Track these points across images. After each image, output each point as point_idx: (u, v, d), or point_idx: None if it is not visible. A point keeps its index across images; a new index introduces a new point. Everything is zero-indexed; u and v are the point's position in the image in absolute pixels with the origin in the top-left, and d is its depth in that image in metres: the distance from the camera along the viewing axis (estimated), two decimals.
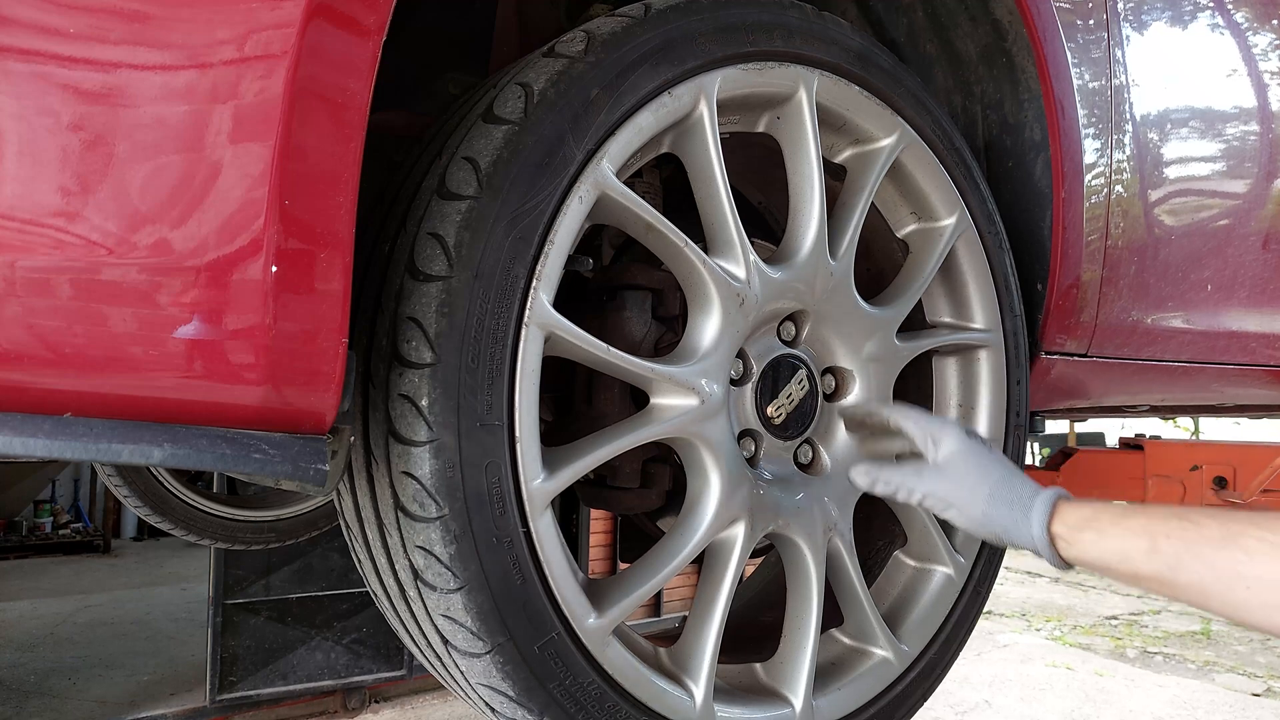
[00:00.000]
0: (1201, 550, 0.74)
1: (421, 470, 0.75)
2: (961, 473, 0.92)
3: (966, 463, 0.92)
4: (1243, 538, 0.72)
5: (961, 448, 0.93)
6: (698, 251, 0.91)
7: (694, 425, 0.92)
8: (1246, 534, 0.72)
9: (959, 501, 0.91)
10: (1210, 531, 0.74)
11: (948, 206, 1.16)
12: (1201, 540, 0.74)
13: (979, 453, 0.93)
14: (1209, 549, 0.73)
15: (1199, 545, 0.74)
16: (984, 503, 0.89)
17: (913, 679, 1.13)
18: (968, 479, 0.91)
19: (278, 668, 3.56)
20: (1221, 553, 0.72)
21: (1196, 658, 4.75)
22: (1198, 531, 0.75)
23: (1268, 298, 1.62)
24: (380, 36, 0.65)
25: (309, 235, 0.61)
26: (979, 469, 0.91)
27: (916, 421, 0.98)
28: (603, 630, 0.85)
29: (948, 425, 0.96)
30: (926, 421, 0.97)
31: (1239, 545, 0.72)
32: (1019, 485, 0.89)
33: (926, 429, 0.96)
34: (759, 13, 0.96)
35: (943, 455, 0.93)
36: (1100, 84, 1.30)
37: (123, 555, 7.29)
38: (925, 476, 0.94)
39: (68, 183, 0.55)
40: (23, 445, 0.55)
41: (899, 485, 0.95)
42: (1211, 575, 0.73)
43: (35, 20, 0.54)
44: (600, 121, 0.83)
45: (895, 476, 0.96)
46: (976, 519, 0.90)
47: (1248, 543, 0.71)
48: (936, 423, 0.96)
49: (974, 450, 0.93)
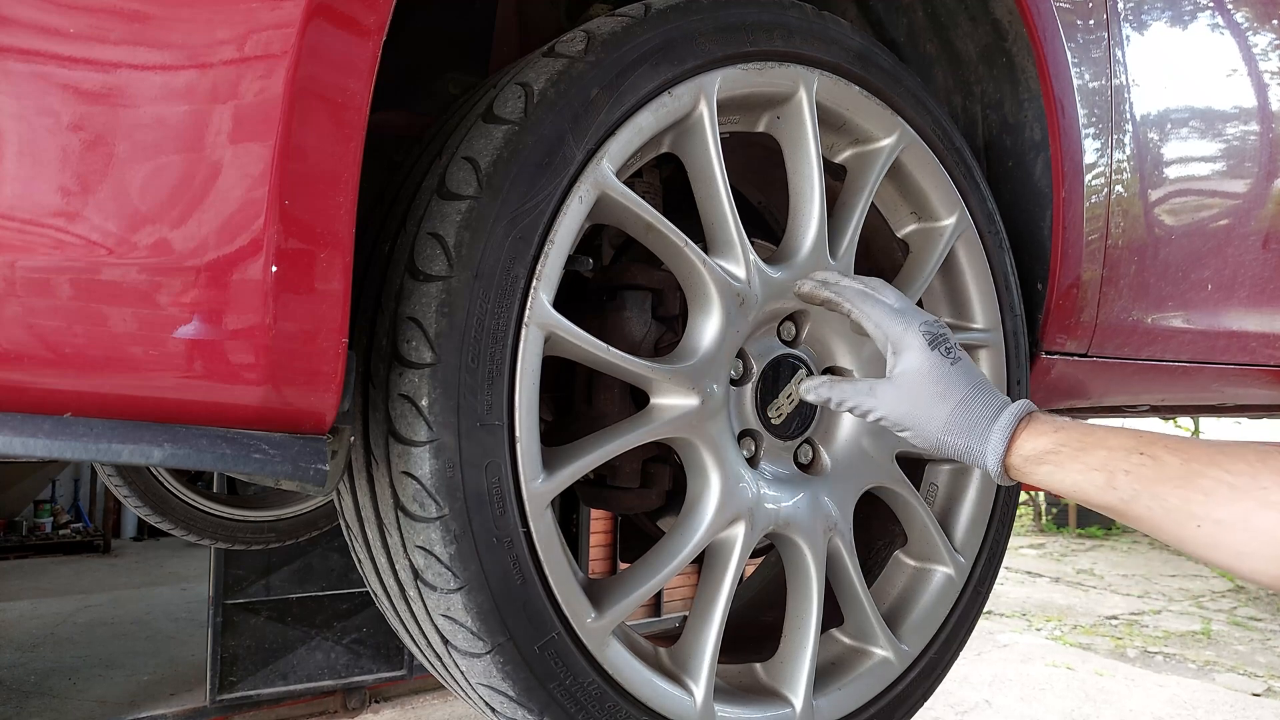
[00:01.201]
0: (1159, 488, 0.73)
1: (421, 470, 0.75)
2: (919, 391, 0.85)
3: (926, 379, 0.86)
4: (1201, 478, 0.71)
5: (922, 362, 0.86)
6: (698, 251, 0.91)
7: (694, 425, 0.92)
8: (1205, 473, 0.71)
9: (914, 424, 0.86)
10: (1170, 470, 0.73)
11: (948, 206, 1.16)
12: (1160, 478, 0.73)
13: (941, 368, 0.86)
14: (1167, 487, 0.73)
15: (1157, 484, 0.73)
16: (940, 428, 0.85)
17: (913, 679, 1.13)
18: (925, 399, 0.85)
19: (278, 668, 3.57)
20: (1178, 491, 0.72)
21: (1197, 658, 4.75)
22: (1157, 469, 0.74)
23: (1268, 298, 1.62)
24: (380, 36, 0.65)
25: (309, 235, 0.61)
26: (939, 387, 0.85)
27: (878, 322, 0.89)
28: (603, 630, 0.85)
29: (910, 331, 0.88)
30: (889, 322, 0.89)
31: (1197, 485, 0.71)
32: (980, 406, 0.84)
33: (887, 332, 0.88)
34: (759, 13, 0.96)
35: (900, 368, 0.87)
36: (1100, 84, 1.30)
37: (123, 555, 7.29)
38: (880, 393, 0.87)
39: (68, 183, 0.55)
40: (23, 445, 0.55)
41: (855, 403, 0.89)
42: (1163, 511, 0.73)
43: (35, 20, 0.54)
44: (600, 121, 0.83)
45: (849, 393, 0.90)
46: (932, 442, 0.86)
47: (1205, 483, 0.71)
48: (899, 325, 0.88)
49: (935, 365, 0.86)
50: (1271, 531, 0.68)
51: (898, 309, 0.91)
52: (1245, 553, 0.69)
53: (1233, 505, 0.69)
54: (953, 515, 1.23)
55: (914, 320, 0.89)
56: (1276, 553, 0.68)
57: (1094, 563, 7.83)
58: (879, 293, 0.93)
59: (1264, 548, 0.68)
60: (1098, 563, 7.83)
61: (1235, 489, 0.70)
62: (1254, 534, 0.69)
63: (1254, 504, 0.68)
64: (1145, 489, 0.74)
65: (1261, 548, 0.68)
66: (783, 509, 1.00)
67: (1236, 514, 0.69)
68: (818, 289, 0.96)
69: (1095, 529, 9.88)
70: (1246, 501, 0.69)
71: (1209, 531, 0.71)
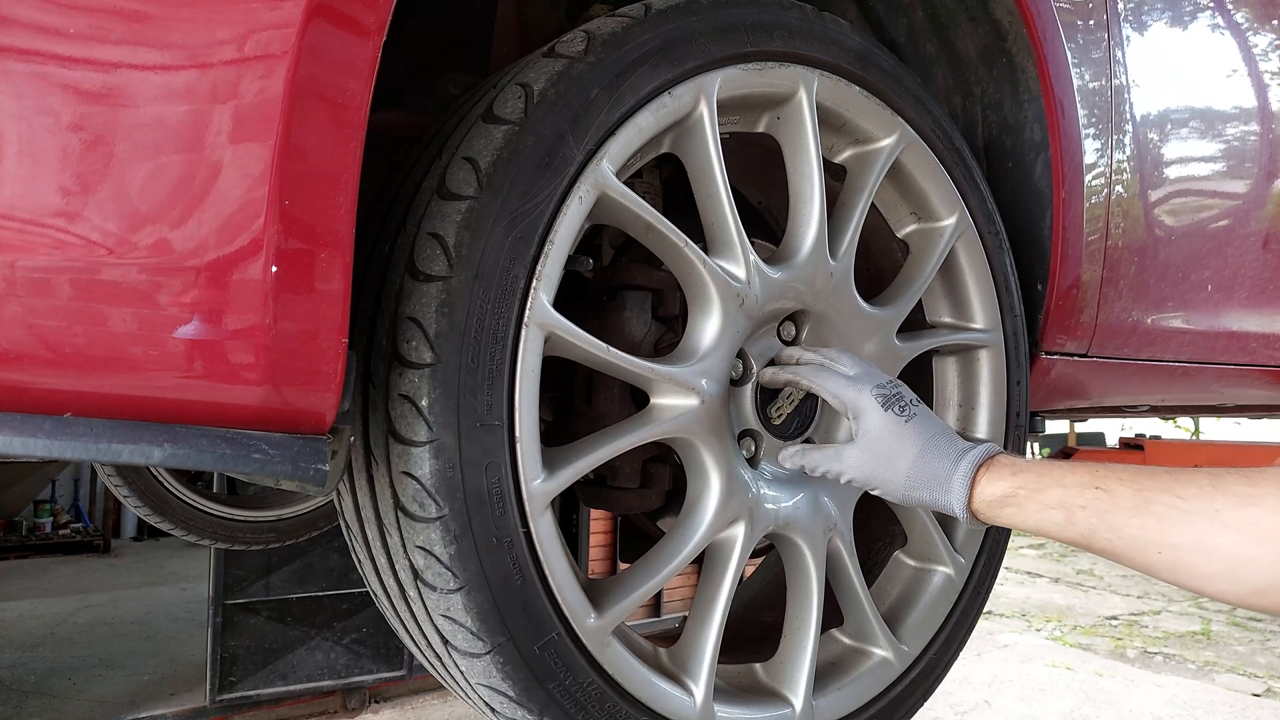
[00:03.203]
0: (1114, 519, 0.75)
1: (421, 470, 0.75)
2: (879, 451, 0.90)
3: (883, 439, 0.90)
4: (1154, 504, 0.73)
5: (878, 423, 0.91)
6: (698, 251, 0.91)
7: (694, 425, 0.92)
8: (1158, 500, 0.73)
9: (880, 482, 0.90)
10: (1124, 500, 0.75)
11: (948, 207, 1.16)
12: (1115, 510, 0.75)
13: (894, 426, 0.90)
14: (1122, 518, 0.75)
15: (1112, 515, 0.75)
16: (903, 483, 0.89)
17: (913, 679, 1.13)
18: (885, 457, 0.90)
19: (278, 668, 3.56)
20: (1134, 520, 0.74)
21: (1196, 658, 4.75)
22: (1111, 501, 0.76)
23: (1268, 298, 1.62)
24: (380, 36, 0.65)
25: (309, 235, 0.61)
26: (897, 445, 0.89)
27: (834, 393, 0.94)
28: (603, 630, 0.85)
29: (863, 396, 0.92)
30: (844, 391, 0.94)
31: (1150, 512, 0.73)
32: (938, 458, 0.88)
33: (844, 400, 0.94)
34: (759, 13, 0.96)
35: (860, 432, 0.92)
36: (1100, 84, 1.30)
37: (123, 555, 7.29)
38: (846, 457, 0.92)
39: (68, 183, 0.55)
40: (23, 445, 0.55)
41: (826, 468, 0.94)
42: (1122, 542, 0.75)
43: (35, 20, 0.54)
44: (600, 122, 0.83)
45: (818, 459, 0.95)
46: (899, 496, 0.90)
47: (1159, 509, 0.73)
48: (853, 392, 0.93)
49: (890, 425, 0.90)
50: (1230, 551, 0.68)
51: (851, 376, 0.95)
52: (1208, 574, 0.70)
53: (1187, 529, 0.70)
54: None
55: (866, 386, 0.93)
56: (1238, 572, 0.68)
57: (1094, 563, 7.83)
58: (835, 363, 0.97)
59: (1225, 568, 0.69)
60: (1098, 563, 7.83)
61: (1189, 513, 0.71)
62: (1211, 555, 0.69)
63: (1209, 525, 0.69)
64: (1101, 522, 0.76)
65: (1223, 568, 0.69)
66: (783, 509, 1.00)
67: (1192, 537, 0.70)
68: (778, 373, 1.00)
69: None
70: (1202, 524, 0.70)
71: (1169, 558, 0.72)
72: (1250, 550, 0.67)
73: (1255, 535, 0.67)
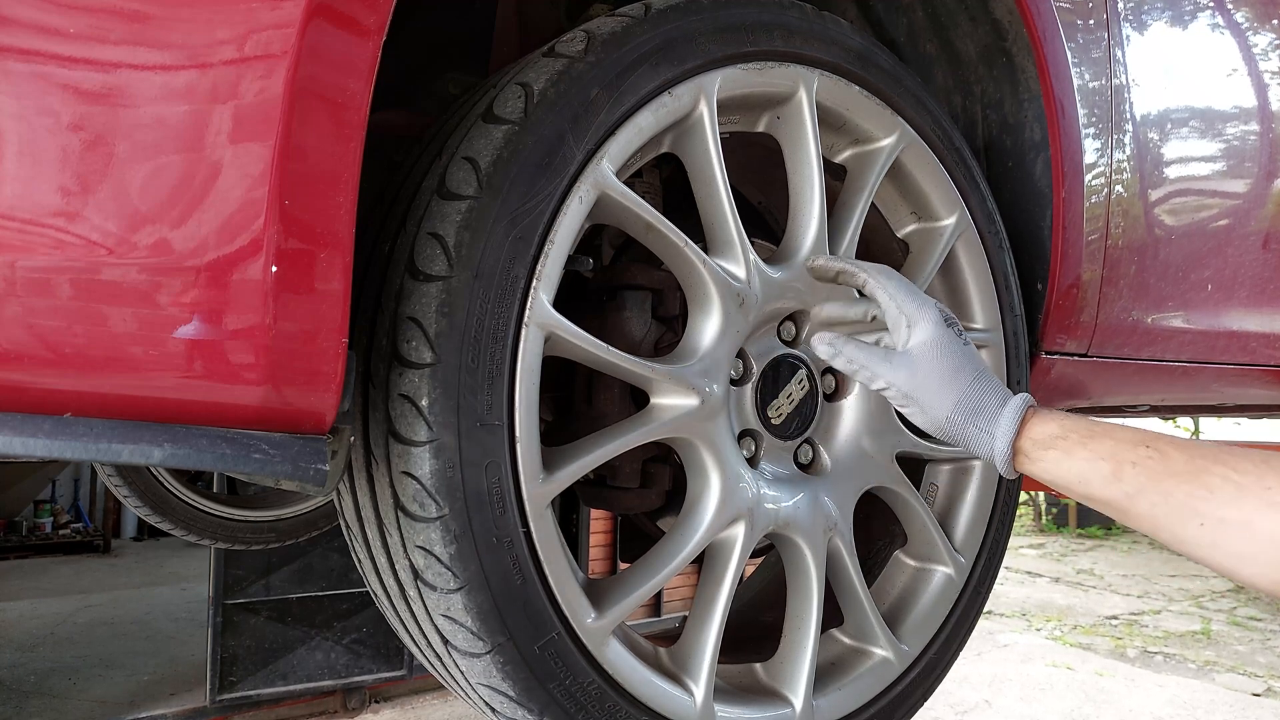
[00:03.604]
0: (1165, 484, 0.72)
1: (421, 470, 0.75)
2: (931, 367, 0.84)
3: (940, 357, 0.84)
4: (1207, 474, 0.71)
5: (937, 337, 0.85)
6: (698, 251, 0.91)
7: (694, 425, 0.92)
8: (1212, 470, 0.71)
9: (924, 400, 0.84)
10: (1176, 464, 0.72)
11: (948, 206, 1.16)
12: (1166, 473, 0.73)
13: (954, 347, 0.85)
14: (1172, 482, 0.72)
15: (1163, 478, 0.73)
16: (950, 407, 0.83)
17: (913, 679, 1.13)
18: (937, 376, 0.83)
19: (278, 668, 3.56)
20: (1184, 486, 0.71)
21: (1196, 658, 4.75)
22: (1164, 463, 0.73)
23: (1268, 298, 1.62)
24: (380, 36, 0.65)
25: (309, 235, 0.61)
26: (952, 367, 0.84)
27: (892, 294, 0.88)
28: (603, 630, 0.85)
29: (926, 307, 0.86)
30: (904, 296, 0.87)
31: (1202, 481, 0.71)
32: (989, 391, 0.83)
33: (902, 305, 0.87)
34: (759, 13, 0.96)
35: (915, 341, 0.85)
36: (1100, 84, 1.30)
37: (123, 555, 7.29)
38: (893, 362, 0.85)
39: (68, 183, 0.55)
40: (23, 445, 0.55)
41: (862, 365, 0.87)
42: (1167, 508, 0.72)
43: (35, 20, 0.54)
44: (600, 121, 0.83)
45: (860, 355, 0.87)
46: (939, 423, 0.84)
47: (1212, 480, 0.70)
48: (915, 301, 0.87)
49: (949, 343, 0.85)
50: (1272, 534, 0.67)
51: (911, 287, 0.90)
52: (1245, 555, 0.69)
53: (1237, 504, 0.69)
54: (953, 515, 1.23)
55: (928, 298, 0.89)
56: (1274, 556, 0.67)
57: (1094, 563, 7.83)
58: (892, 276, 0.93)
59: (1263, 551, 0.68)
60: (1098, 563, 7.83)
61: (1241, 488, 0.69)
62: (1255, 536, 0.68)
63: (1258, 504, 0.68)
64: (1151, 483, 0.73)
65: (1261, 551, 0.68)
66: (783, 509, 1.00)
67: (1240, 514, 0.68)
68: (831, 261, 0.95)
69: (1095, 529, 9.87)
70: (1251, 500, 0.68)
71: (1211, 531, 0.70)
72: None
73: None
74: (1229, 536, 0.69)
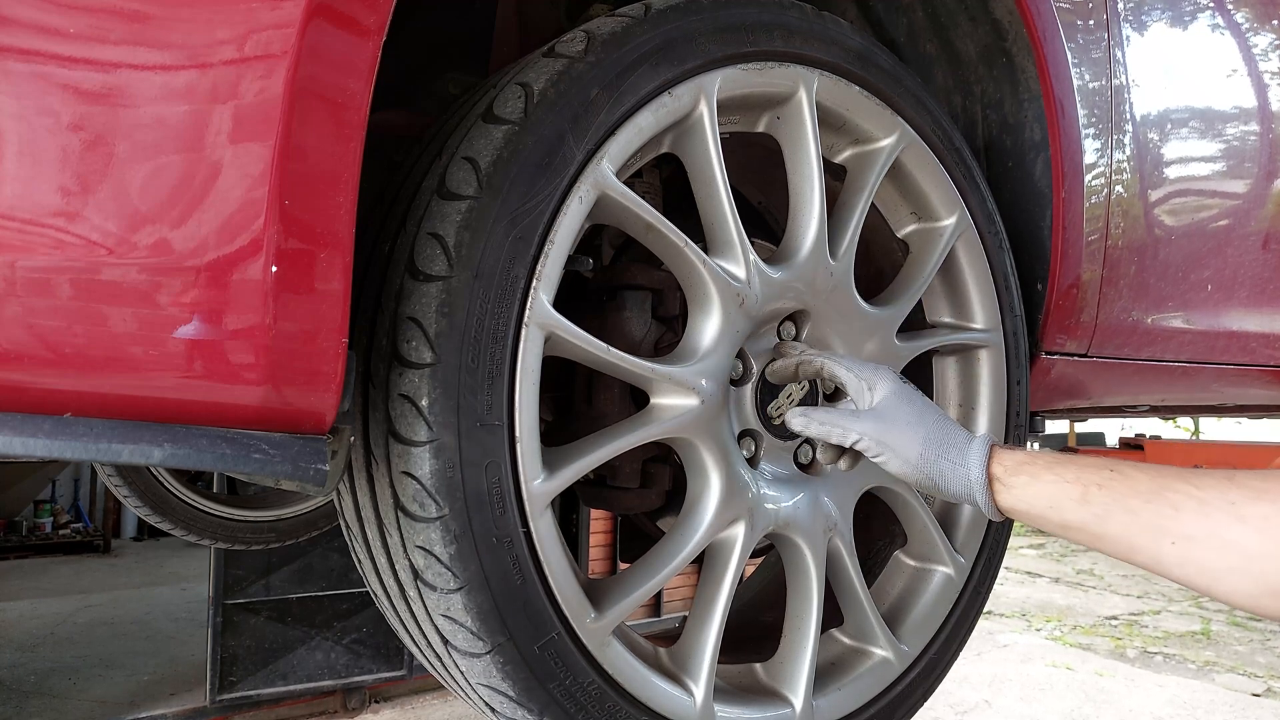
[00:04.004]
0: (1130, 502, 0.74)
1: (421, 470, 0.75)
2: (895, 416, 0.90)
3: (900, 406, 0.90)
4: (1170, 492, 0.72)
5: (896, 389, 0.91)
6: (698, 251, 0.91)
7: (694, 425, 0.92)
8: (1174, 488, 0.72)
9: (894, 444, 0.89)
10: (1140, 485, 0.74)
11: (948, 206, 1.16)
12: (1131, 493, 0.74)
13: (913, 398, 0.91)
14: (1138, 501, 0.74)
15: (1128, 497, 0.74)
16: (920, 445, 0.87)
17: (913, 679, 1.13)
18: (902, 422, 0.89)
19: (278, 668, 3.56)
20: (1149, 505, 0.73)
21: (1196, 658, 4.75)
22: (1128, 484, 0.75)
23: (1268, 298, 1.62)
24: (380, 36, 0.65)
25: (309, 235, 0.61)
26: (914, 413, 0.90)
27: (849, 367, 0.95)
28: (603, 630, 0.85)
29: (881, 369, 0.94)
30: (859, 367, 0.94)
31: (1166, 500, 0.72)
32: (953, 431, 0.88)
33: (859, 374, 0.94)
34: (759, 13, 0.96)
35: (878, 399, 0.91)
36: (1100, 84, 1.30)
37: (123, 555, 7.28)
38: (861, 418, 0.91)
39: (68, 183, 0.55)
40: (23, 445, 0.55)
41: (834, 425, 0.92)
42: (1137, 527, 0.73)
43: (35, 20, 0.54)
44: (600, 121, 0.83)
45: (830, 417, 0.92)
46: (913, 463, 0.88)
47: (1175, 498, 0.72)
48: (869, 368, 0.94)
49: (910, 393, 0.91)
50: (1242, 546, 0.67)
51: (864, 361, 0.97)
52: (1218, 569, 0.69)
53: (1202, 520, 0.70)
54: (952, 515, 1.23)
55: (880, 365, 0.95)
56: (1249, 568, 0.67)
57: (1094, 563, 7.83)
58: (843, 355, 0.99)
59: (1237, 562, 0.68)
60: (1098, 563, 7.83)
61: (1204, 503, 0.70)
62: (1225, 549, 0.68)
63: (1224, 518, 0.69)
64: (1118, 503, 0.75)
65: (1235, 562, 0.68)
66: (783, 509, 1.00)
67: (1206, 529, 0.69)
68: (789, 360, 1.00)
69: None
70: (1217, 516, 0.69)
71: (1181, 550, 0.71)
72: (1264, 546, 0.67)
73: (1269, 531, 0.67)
74: (1200, 552, 0.70)
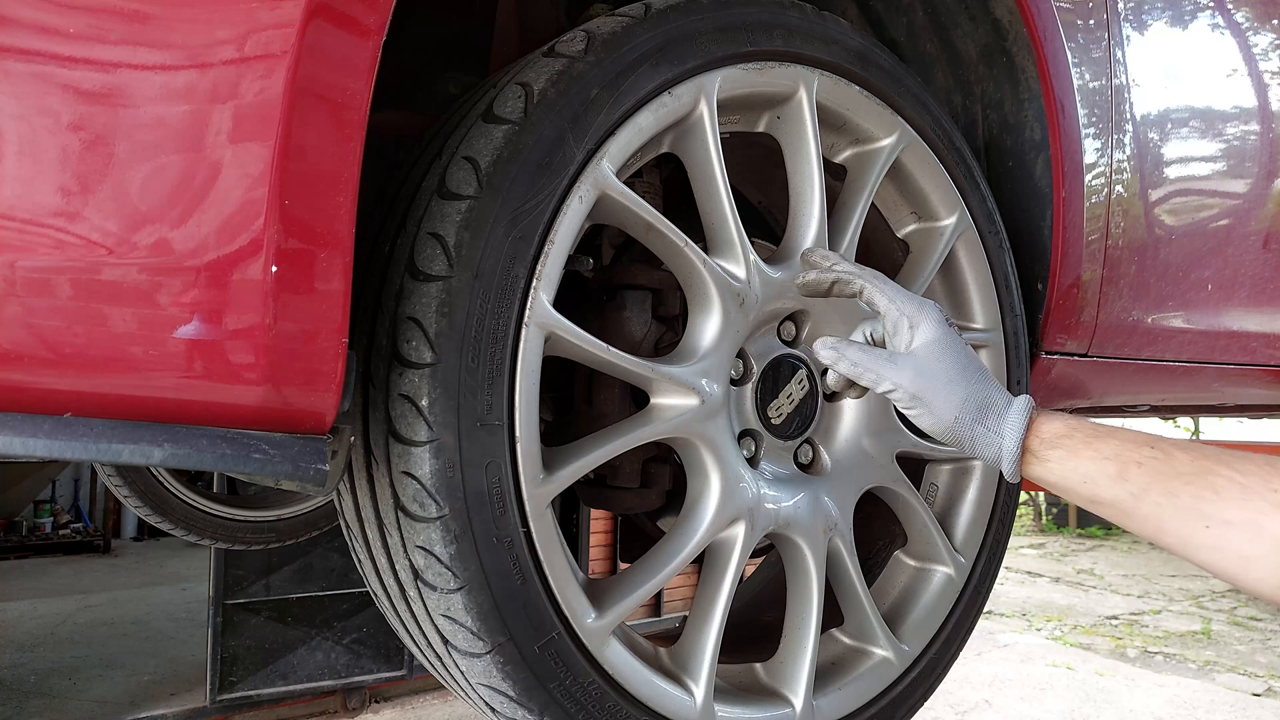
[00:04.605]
0: (1170, 483, 0.71)
1: (421, 470, 0.75)
2: (936, 370, 0.82)
3: (944, 356, 0.82)
4: (1213, 475, 0.70)
5: (940, 337, 0.83)
6: (698, 251, 0.91)
7: (694, 425, 0.92)
8: (1217, 471, 0.70)
9: (931, 400, 0.81)
10: (1181, 465, 0.72)
11: (948, 206, 1.16)
12: (1172, 474, 0.72)
13: (957, 347, 0.83)
14: (1178, 482, 0.71)
15: (1168, 478, 0.72)
16: (957, 406, 0.80)
17: (913, 679, 1.13)
18: (943, 378, 0.81)
19: (278, 668, 3.56)
20: (1189, 487, 0.70)
21: (1197, 658, 4.75)
22: (1169, 463, 0.72)
23: (1268, 297, 1.62)
24: (380, 36, 0.65)
25: (309, 235, 0.61)
26: (958, 366, 0.82)
27: (891, 297, 0.86)
28: (603, 630, 0.85)
29: (926, 307, 0.85)
30: (903, 299, 0.85)
31: (1207, 482, 0.70)
32: (994, 393, 0.81)
33: (902, 307, 0.85)
34: (759, 12, 0.96)
35: (919, 342, 0.83)
36: (1100, 84, 1.30)
37: (123, 555, 7.29)
38: (898, 364, 0.83)
39: (68, 183, 0.55)
40: (23, 445, 0.55)
41: (866, 368, 0.84)
42: (1172, 508, 0.71)
43: (35, 20, 0.54)
44: (600, 121, 0.83)
45: (864, 358, 0.84)
46: (946, 423, 0.81)
47: (1217, 481, 0.70)
48: (914, 303, 0.85)
49: (953, 343, 0.83)
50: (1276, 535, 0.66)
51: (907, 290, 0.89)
52: (1251, 557, 0.68)
53: (1243, 506, 0.68)
54: (953, 515, 1.23)
55: (926, 300, 0.87)
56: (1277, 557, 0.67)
57: (1094, 563, 7.83)
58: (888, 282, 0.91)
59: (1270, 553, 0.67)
60: (1098, 563, 7.83)
61: (1247, 489, 0.68)
62: (1261, 538, 0.67)
63: (1264, 505, 0.67)
64: (1156, 483, 0.72)
65: (1268, 553, 0.67)
66: (783, 509, 1.00)
67: (1246, 515, 0.68)
68: (823, 274, 0.92)
69: (1095, 529, 9.87)
70: (1258, 502, 0.67)
71: (1217, 533, 0.69)
72: None
73: None
74: (1235, 538, 0.68)
